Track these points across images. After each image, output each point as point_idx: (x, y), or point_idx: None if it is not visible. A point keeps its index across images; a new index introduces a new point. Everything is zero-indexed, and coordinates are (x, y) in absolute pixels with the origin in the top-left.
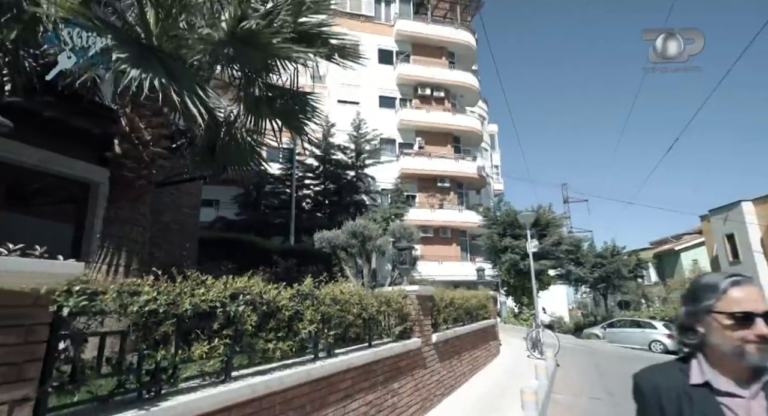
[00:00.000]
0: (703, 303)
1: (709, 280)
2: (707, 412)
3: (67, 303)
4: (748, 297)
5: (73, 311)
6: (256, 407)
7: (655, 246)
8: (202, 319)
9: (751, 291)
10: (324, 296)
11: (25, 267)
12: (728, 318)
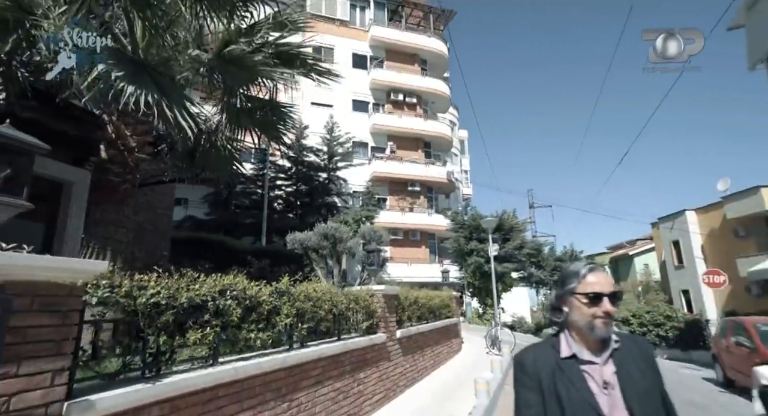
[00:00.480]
0: (567, 286)
1: (573, 268)
2: (573, 379)
3: (96, 294)
4: (599, 281)
5: (99, 301)
6: (238, 387)
7: (611, 251)
8: (195, 311)
9: (601, 276)
10: (299, 293)
11: (65, 264)
12: (584, 298)
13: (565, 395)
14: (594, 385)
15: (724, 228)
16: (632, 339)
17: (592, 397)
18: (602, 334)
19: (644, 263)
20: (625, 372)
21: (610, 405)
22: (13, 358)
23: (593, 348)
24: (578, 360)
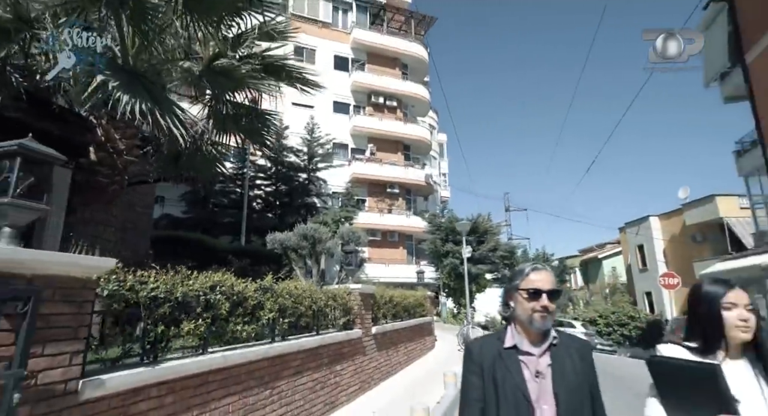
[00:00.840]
0: (513, 283)
1: (520, 267)
2: (510, 366)
3: (107, 287)
4: (540, 279)
5: (109, 294)
6: (226, 374)
7: (582, 254)
8: (188, 304)
9: (543, 274)
10: (281, 290)
11: (82, 260)
12: (525, 294)
13: (501, 380)
14: (528, 373)
15: (683, 234)
16: (573, 338)
17: (523, 383)
18: (539, 327)
19: (612, 266)
20: (557, 365)
21: (538, 392)
22: (40, 340)
23: (533, 340)
24: (518, 351)
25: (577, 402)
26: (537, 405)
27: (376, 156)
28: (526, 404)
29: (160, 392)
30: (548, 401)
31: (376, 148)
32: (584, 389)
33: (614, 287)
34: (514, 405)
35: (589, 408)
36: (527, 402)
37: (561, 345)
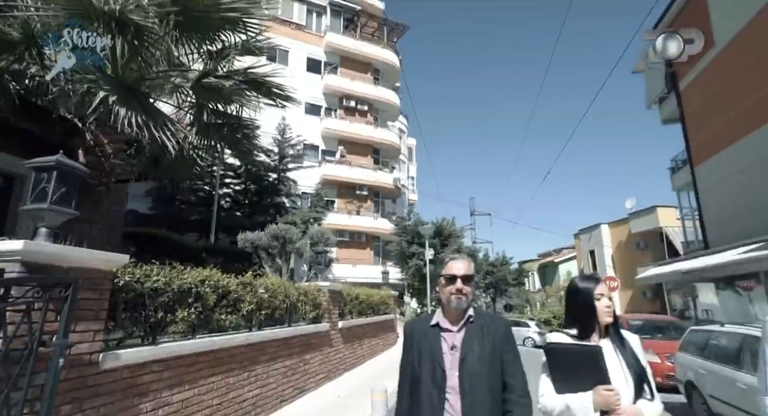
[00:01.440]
0: (438, 271)
1: (443, 258)
2: (432, 341)
3: (123, 278)
4: (455, 266)
5: (123, 284)
6: (212, 357)
7: (541, 258)
8: (182, 295)
9: (458, 263)
10: (260, 285)
11: (105, 256)
12: (445, 279)
13: (424, 352)
14: (445, 347)
15: (629, 241)
16: (490, 317)
17: (440, 355)
18: (455, 306)
19: (567, 270)
20: (469, 339)
21: (451, 362)
22: (74, 319)
23: (453, 319)
24: (440, 328)
25: (484, 370)
26: (450, 372)
27: (346, 158)
28: (441, 372)
29: (159, 368)
30: (457, 369)
31: (346, 151)
32: (494, 358)
33: None
34: (432, 372)
35: (497, 374)
36: (442, 371)
37: (476, 323)
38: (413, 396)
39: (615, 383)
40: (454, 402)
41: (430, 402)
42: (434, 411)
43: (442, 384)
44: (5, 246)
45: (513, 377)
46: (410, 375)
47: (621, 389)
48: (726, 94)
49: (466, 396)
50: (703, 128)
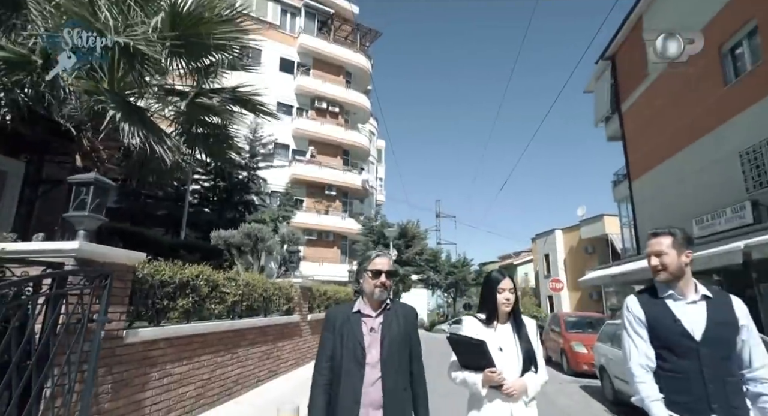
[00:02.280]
0: (362, 265)
1: (369, 253)
2: (353, 325)
3: (143, 271)
4: (381, 262)
5: (142, 276)
6: (204, 339)
7: (501, 260)
8: (182, 287)
9: (383, 259)
10: (242, 280)
11: (130, 254)
12: (371, 273)
13: (346, 334)
14: (365, 329)
15: (579, 246)
16: (403, 306)
17: (361, 336)
18: (379, 297)
19: (525, 272)
20: (387, 323)
21: (370, 342)
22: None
23: (373, 307)
24: (361, 314)
25: (396, 347)
26: (368, 350)
27: (316, 158)
28: (361, 349)
29: (164, 345)
30: (376, 347)
31: (316, 151)
32: (405, 339)
33: (525, 290)
34: (353, 350)
35: (406, 352)
36: (362, 348)
37: (392, 310)
38: (334, 371)
39: (508, 358)
40: (372, 374)
41: (351, 375)
42: (355, 384)
43: (362, 361)
44: (66, 245)
45: (416, 349)
46: (331, 354)
47: (512, 363)
48: (657, 119)
49: (383, 369)
50: (639, 148)
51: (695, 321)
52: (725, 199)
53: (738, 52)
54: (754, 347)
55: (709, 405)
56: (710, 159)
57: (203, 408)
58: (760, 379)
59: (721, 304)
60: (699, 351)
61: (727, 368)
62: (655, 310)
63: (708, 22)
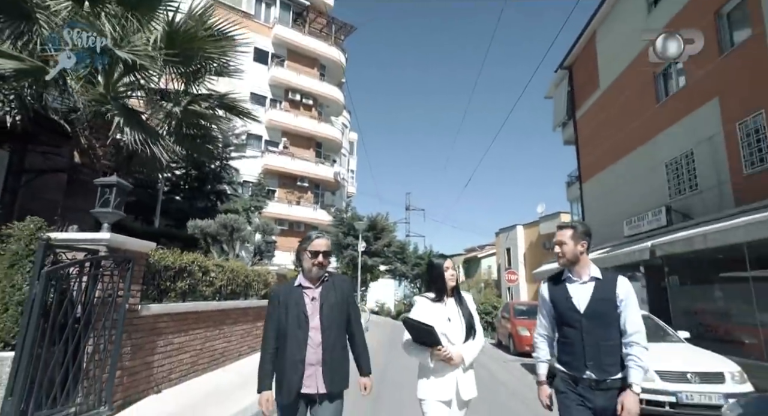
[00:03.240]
0: (303, 245)
1: (309, 234)
2: (296, 296)
3: (154, 257)
4: (320, 244)
5: (152, 262)
6: (197, 316)
7: (467, 253)
8: (180, 271)
9: (321, 240)
10: (228, 267)
11: (146, 243)
12: (310, 253)
13: (291, 305)
14: (307, 300)
15: (538, 241)
16: (340, 277)
17: (303, 305)
18: (316, 274)
19: (488, 264)
20: (325, 293)
21: (312, 309)
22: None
23: (312, 280)
24: (302, 287)
25: (334, 314)
26: (310, 317)
27: (289, 150)
28: (304, 316)
29: (167, 319)
30: (317, 314)
31: (289, 143)
32: (342, 305)
33: (487, 282)
34: (297, 317)
35: (343, 317)
36: (304, 315)
37: (329, 282)
38: (279, 340)
39: (455, 327)
40: (314, 336)
41: (296, 339)
42: (300, 345)
43: (305, 326)
44: (100, 236)
45: (354, 313)
46: (276, 325)
47: (458, 331)
48: (604, 128)
49: (324, 332)
50: (589, 153)
51: (582, 298)
52: (652, 203)
53: (668, 74)
54: (630, 317)
55: (585, 363)
56: (644, 167)
57: (197, 373)
58: (631, 343)
59: (607, 284)
60: (581, 322)
61: (603, 334)
62: (556, 291)
63: (647, 44)
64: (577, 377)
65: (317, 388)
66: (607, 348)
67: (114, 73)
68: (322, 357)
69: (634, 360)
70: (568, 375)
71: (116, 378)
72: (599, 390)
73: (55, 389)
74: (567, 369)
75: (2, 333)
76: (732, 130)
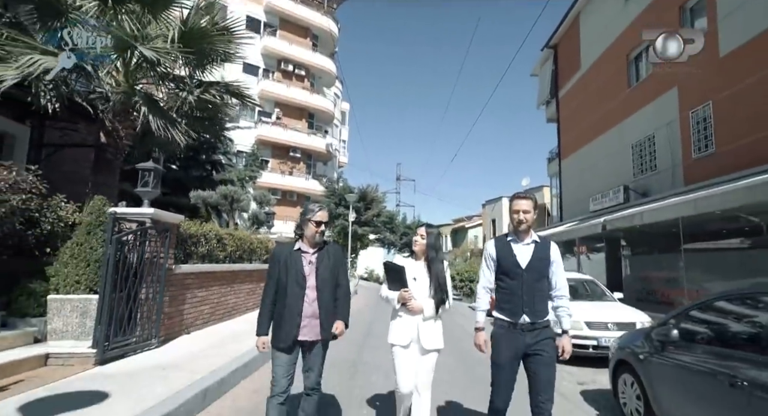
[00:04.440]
0: (307, 216)
1: (311, 206)
2: (295, 259)
3: (183, 227)
4: (321, 215)
5: (182, 231)
6: (213, 275)
7: (455, 223)
8: (200, 238)
9: (323, 212)
10: (237, 235)
11: (178, 216)
12: (313, 223)
13: (291, 266)
14: (305, 262)
15: None
16: (333, 245)
17: (302, 267)
18: (318, 241)
19: (474, 235)
20: (320, 257)
21: (309, 271)
22: (168, 247)
23: (311, 246)
24: (301, 251)
25: (327, 275)
26: (308, 277)
27: (281, 121)
28: (302, 276)
29: (193, 277)
30: (313, 275)
31: (282, 113)
32: (333, 270)
33: (473, 252)
34: (296, 277)
35: (335, 278)
36: (302, 275)
37: (324, 249)
38: (279, 294)
39: (420, 286)
40: (310, 294)
41: (294, 295)
42: (297, 300)
43: (303, 284)
44: (146, 211)
45: (344, 279)
46: (276, 281)
47: (423, 290)
48: (583, 109)
49: (319, 290)
50: (569, 132)
51: (524, 256)
52: (618, 181)
53: (640, 61)
54: (558, 275)
55: (522, 308)
56: (614, 148)
57: (215, 321)
58: (561, 296)
59: (543, 247)
60: (523, 275)
61: (538, 287)
62: (502, 249)
63: (623, 30)
64: (513, 322)
65: (311, 336)
66: (539, 297)
67: (132, 65)
68: (317, 312)
69: (564, 310)
70: (506, 321)
71: (160, 320)
72: (530, 331)
73: (123, 324)
74: (506, 315)
75: (88, 282)
76: (686, 117)
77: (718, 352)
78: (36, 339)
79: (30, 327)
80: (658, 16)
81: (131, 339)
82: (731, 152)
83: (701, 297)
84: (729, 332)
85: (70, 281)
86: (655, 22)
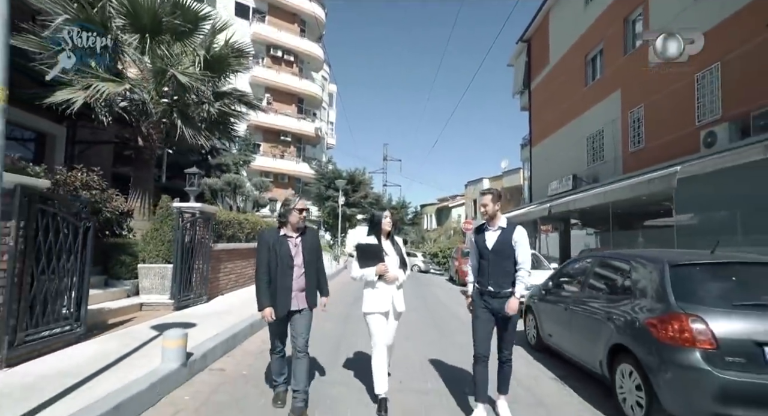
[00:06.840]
0: (290, 206)
1: (293, 198)
2: (282, 243)
3: (220, 216)
4: (302, 204)
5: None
6: (236, 252)
7: (440, 202)
8: (228, 223)
9: (303, 201)
10: (252, 219)
11: (214, 207)
12: (296, 210)
13: (278, 249)
14: (291, 245)
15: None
16: (310, 229)
17: (288, 249)
18: (300, 226)
19: (458, 214)
20: (304, 240)
21: (295, 253)
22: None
23: (294, 231)
24: (287, 237)
25: (310, 255)
26: (295, 258)
27: (272, 106)
28: (290, 257)
29: (225, 253)
30: (299, 255)
31: (272, 99)
32: (314, 250)
33: (456, 230)
34: (285, 259)
35: (315, 257)
36: (290, 257)
37: (306, 233)
38: (270, 273)
39: (390, 260)
40: (297, 271)
41: (285, 274)
42: (285, 276)
43: (291, 264)
44: (195, 205)
45: (320, 255)
46: (267, 262)
47: (393, 264)
48: (550, 101)
49: (303, 268)
50: (539, 121)
51: (492, 240)
52: (574, 169)
53: (596, 62)
54: (521, 253)
55: (488, 281)
56: (574, 139)
57: (237, 288)
58: (520, 268)
59: (508, 231)
60: (490, 256)
61: (503, 265)
62: (478, 236)
63: (583, 32)
64: (483, 290)
65: (298, 306)
66: (503, 272)
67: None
68: (302, 286)
69: (520, 279)
70: (479, 289)
71: (207, 284)
72: (495, 298)
73: (186, 285)
74: (479, 285)
75: (164, 255)
76: (626, 116)
77: (563, 293)
78: (127, 295)
79: (125, 287)
80: (607, 26)
81: (191, 295)
82: (654, 148)
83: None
84: (567, 280)
85: (152, 254)
86: (604, 30)
